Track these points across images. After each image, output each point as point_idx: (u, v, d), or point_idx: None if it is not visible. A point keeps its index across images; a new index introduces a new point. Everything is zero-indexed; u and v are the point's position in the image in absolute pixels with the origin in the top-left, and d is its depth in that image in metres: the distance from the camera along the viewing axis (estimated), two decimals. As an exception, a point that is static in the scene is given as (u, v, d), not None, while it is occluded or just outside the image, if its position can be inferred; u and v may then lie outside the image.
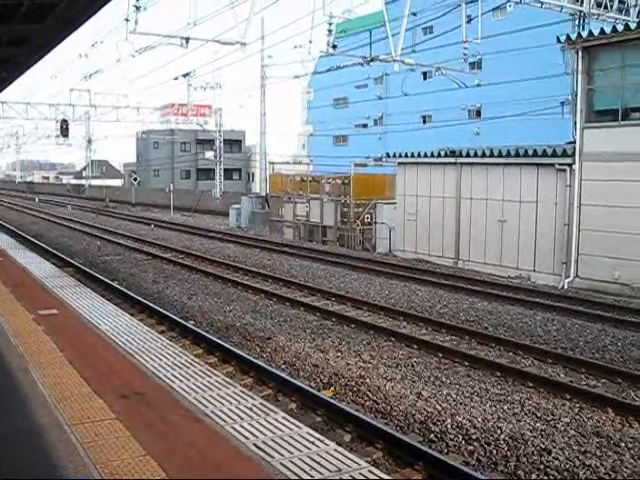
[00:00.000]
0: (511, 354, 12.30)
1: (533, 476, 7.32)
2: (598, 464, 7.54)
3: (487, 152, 22.36)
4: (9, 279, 13.34)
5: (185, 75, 43.79)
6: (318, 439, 5.69)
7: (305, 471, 5.01)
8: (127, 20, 23.58)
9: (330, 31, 24.68)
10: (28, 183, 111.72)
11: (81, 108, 53.67)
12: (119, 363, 7.73)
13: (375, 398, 9.67)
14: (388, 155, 27.57)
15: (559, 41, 19.72)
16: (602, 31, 18.61)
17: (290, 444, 5.52)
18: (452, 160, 23.56)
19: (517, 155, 21.05)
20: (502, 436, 8.25)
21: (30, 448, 5.30)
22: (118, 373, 7.31)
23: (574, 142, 19.49)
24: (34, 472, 4.93)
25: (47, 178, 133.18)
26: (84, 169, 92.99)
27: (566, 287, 19.21)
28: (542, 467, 7.48)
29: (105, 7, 11.85)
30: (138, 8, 23.11)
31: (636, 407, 9.37)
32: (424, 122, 55.65)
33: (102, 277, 18.93)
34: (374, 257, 25.66)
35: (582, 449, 7.97)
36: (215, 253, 26.19)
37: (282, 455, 5.29)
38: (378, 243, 27.95)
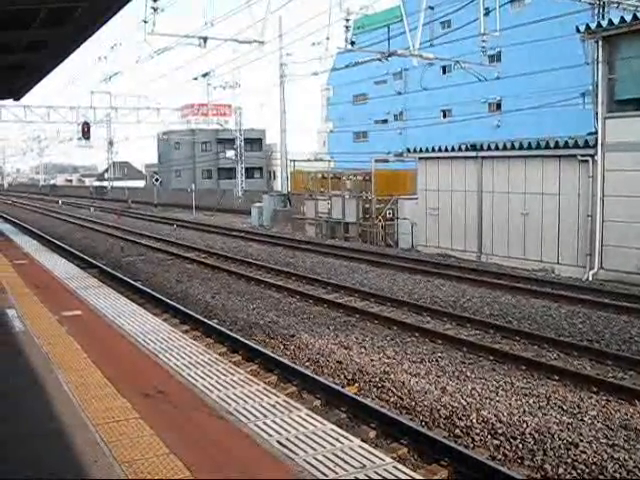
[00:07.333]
0: (536, 347, 12.19)
1: (560, 470, 7.25)
2: (627, 457, 7.45)
3: (508, 145, 22.17)
4: (33, 281, 13.46)
5: (204, 75, 43.98)
6: (342, 435, 5.68)
7: (329, 467, 4.99)
8: (145, 22, 23.77)
9: (348, 27, 24.70)
10: (51, 186, 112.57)
11: (102, 110, 54.18)
12: (143, 363, 7.77)
13: (400, 394, 9.63)
14: (409, 150, 27.41)
15: (579, 31, 19.49)
16: (622, 20, 18.40)
17: (314, 441, 5.51)
18: (473, 154, 23.41)
19: (538, 147, 20.87)
20: (528, 430, 8.18)
21: (56, 448, 5.33)
22: (142, 372, 7.35)
23: (596, 133, 19.29)
24: (60, 472, 4.95)
25: (70, 181, 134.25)
26: (106, 171, 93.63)
27: (590, 279, 19.03)
28: (569, 461, 7.41)
29: (123, 10, 11.90)
30: (156, 10, 23.27)
31: (664, 399, 9.25)
32: (444, 116, 55.38)
33: (125, 277, 19.04)
34: (397, 253, 25.58)
35: (610, 442, 7.88)
36: (238, 252, 26.24)
37: (306, 452, 5.27)
38: (400, 239, 27.85)
